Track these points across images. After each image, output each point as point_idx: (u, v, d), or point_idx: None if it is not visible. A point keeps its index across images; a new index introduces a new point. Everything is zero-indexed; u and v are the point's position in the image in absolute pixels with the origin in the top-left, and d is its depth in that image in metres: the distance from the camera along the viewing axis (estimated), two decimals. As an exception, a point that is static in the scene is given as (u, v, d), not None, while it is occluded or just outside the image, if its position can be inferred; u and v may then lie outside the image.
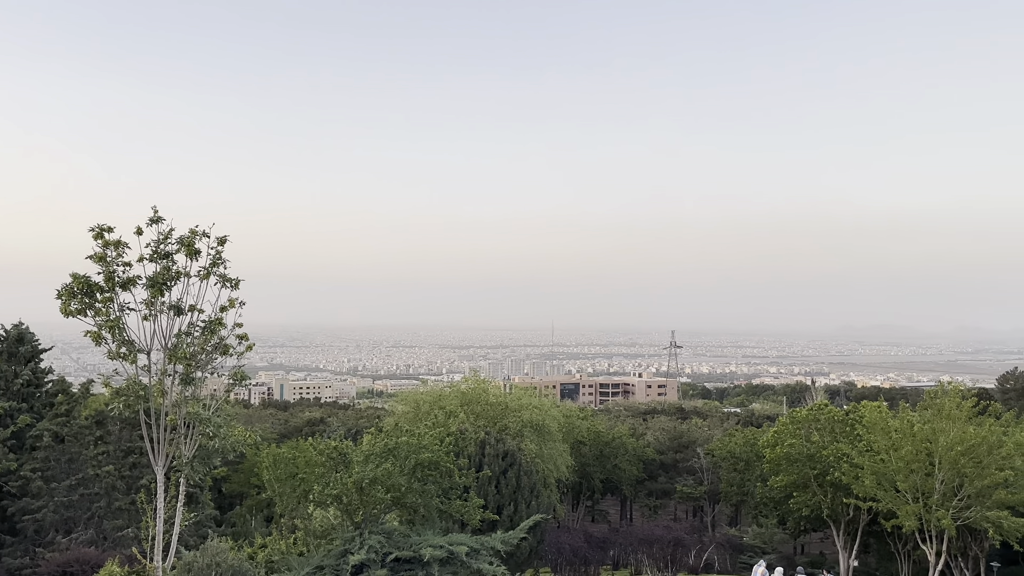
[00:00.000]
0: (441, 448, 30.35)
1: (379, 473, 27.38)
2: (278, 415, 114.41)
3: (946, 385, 46.83)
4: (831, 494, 50.25)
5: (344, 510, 28.37)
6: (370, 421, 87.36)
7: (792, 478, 51.65)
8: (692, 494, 76.30)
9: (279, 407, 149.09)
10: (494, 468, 40.68)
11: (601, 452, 76.36)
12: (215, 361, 18.89)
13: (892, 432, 45.21)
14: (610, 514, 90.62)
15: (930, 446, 43.46)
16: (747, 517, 74.38)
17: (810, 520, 55.54)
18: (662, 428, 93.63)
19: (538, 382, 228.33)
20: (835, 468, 48.23)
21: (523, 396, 59.47)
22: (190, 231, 18.13)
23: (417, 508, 30.29)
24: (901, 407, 49.79)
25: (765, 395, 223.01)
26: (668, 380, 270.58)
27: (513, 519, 38.52)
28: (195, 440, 18.88)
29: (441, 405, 55.36)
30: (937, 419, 44.15)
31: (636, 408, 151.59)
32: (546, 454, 54.58)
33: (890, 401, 63.67)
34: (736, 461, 70.01)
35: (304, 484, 29.68)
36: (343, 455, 28.63)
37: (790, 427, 52.93)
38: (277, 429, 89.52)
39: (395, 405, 73.00)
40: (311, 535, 29.71)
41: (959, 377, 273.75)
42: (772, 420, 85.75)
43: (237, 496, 65.34)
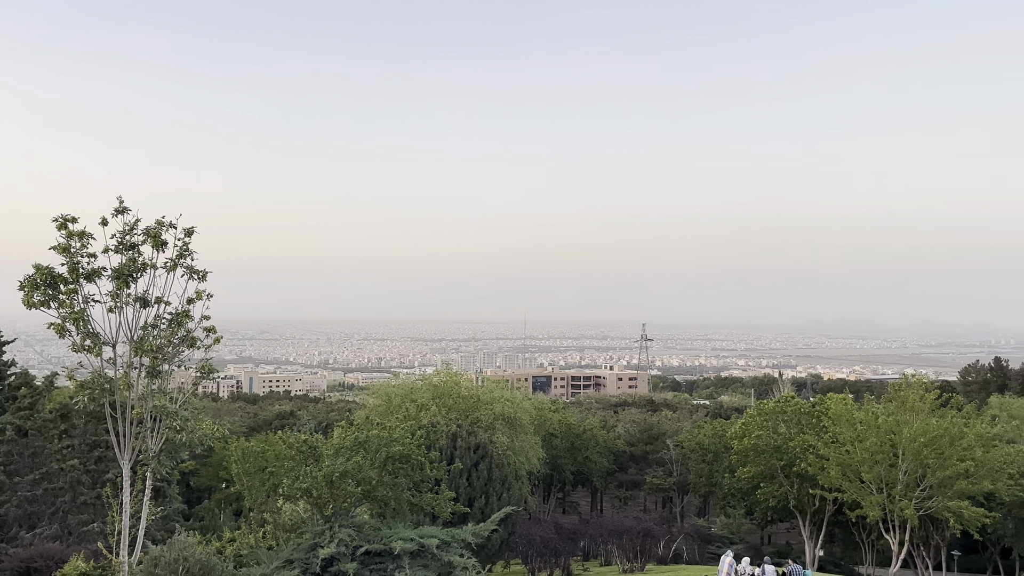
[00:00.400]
0: (412, 441, 30.28)
1: (350, 466, 27.25)
2: (247, 408, 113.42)
3: (910, 378, 47.71)
4: (797, 485, 50.97)
5: (314, 504, 28.22)
6: (341, 414, 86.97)
7: (759, 469, 52.31)
8: (662, 485, 76.95)
9: (248, 400, 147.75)
10: (466, 461, 40.67)
11: (572, 444, 76.70)
12: (182, 354, 18.64)
13: (857, 424, 45.95)
14: (581, 505, 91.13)
15: (894, 438, 44.23)
16: (715, 508, 75.23)
17: (777, 511, 56.34)
18: (632, 420, 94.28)
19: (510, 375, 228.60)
20: (801, 459, 48.92)
21: (495, 389, 59.52)
22: (156, 222, 17.85)
23: (388, 501, 30.21)
24: (866, 399, 50.63)
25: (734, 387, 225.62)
26: (639, 373, 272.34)
27: (484, 511, 38.57)
28: (162, 434, 18.63)
29: (413, 398, 55.27)
30: (901, 411, 44.95)
31: (607, 401, 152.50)
32: (518, 447, 54.69)
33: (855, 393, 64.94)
34: (705, 452, 70.72)
35: (273, 478, 29.47)
36: (313, 448, 28.46)
37: (757, 419, 53.58)
38: (246, 422, 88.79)
39: (366, 398, 72.72)
40: (280, 529, 29.50)
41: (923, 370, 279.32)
42: (740, 412, 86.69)
43: (205, 490, 64.69)
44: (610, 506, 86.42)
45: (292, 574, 23.46)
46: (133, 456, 18.33)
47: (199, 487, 64.81)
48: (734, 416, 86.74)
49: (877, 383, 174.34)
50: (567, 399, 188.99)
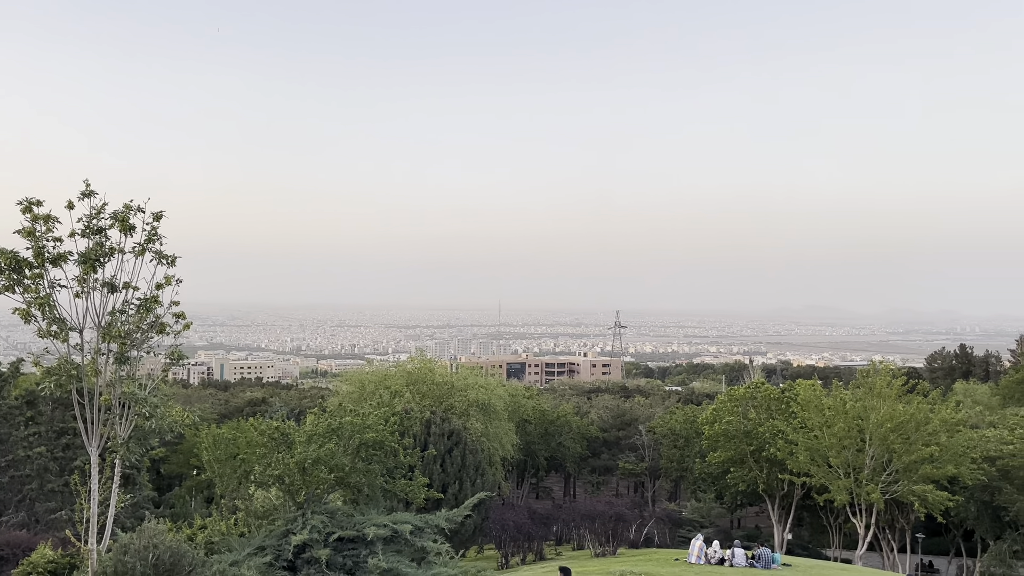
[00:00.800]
0: (386, 428, 30.21)
1: (322, 453, 27.14)
2: (218, 395, 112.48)
3: (877, 365, 48.38)
4: (767, 470, 51.68)
5: (286, 490, 28.07)
6: (313, 401, 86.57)
7: (729, 454, 52.94)
8: (634, 470, 77.63)
9: (219, 387, 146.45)
10: (439, 447, 40.71)
11: (546, 430, 77.06)
12: (151, 340, 18.37)
13: (825, 410, 46.62)
14: (554, 491, 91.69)
15: (861, 423, 44.95)
16: (686, 492, 76.08)
17: (746, 495, 57.10)
18: (606, 406, 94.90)
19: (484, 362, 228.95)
20: (771, 444, 49.58)
21: (469, 376, 59.58)
22: (124, 206, 17.54)
23: (361, 488, 30.15)
24: (834, 386, 51.36)
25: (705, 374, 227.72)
26: (612, 359, 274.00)
27: (458, 497, 38.66)
28: (131, 420, 18.40)
29: (386, 385, 55.16)
30: (868, 397, 45.67)
31: (581, 387, 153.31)
32: (492, 433, 54.86)
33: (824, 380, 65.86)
34: (676, 438, 71.43)
35: (245, 464, 29.28)
36: (285, 435, 28.27)
37: (728, 405, 54.16)
38: (217, 409, 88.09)
39: (339, 385, 72.44)
40: (252, 516, 29.33)
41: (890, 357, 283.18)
42: (711, 398, 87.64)
43: (176, 477, 64.21)
44: (583, 491, 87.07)
45: (264, 560, 23.36)
46: (101, 443, 18.10)
47: (169, 474, 64.28)
48: (705, 402, 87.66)
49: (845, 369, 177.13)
50: (541, 385, 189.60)
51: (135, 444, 18.87)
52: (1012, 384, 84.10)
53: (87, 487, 18.65)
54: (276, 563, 23.53)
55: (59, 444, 42.26)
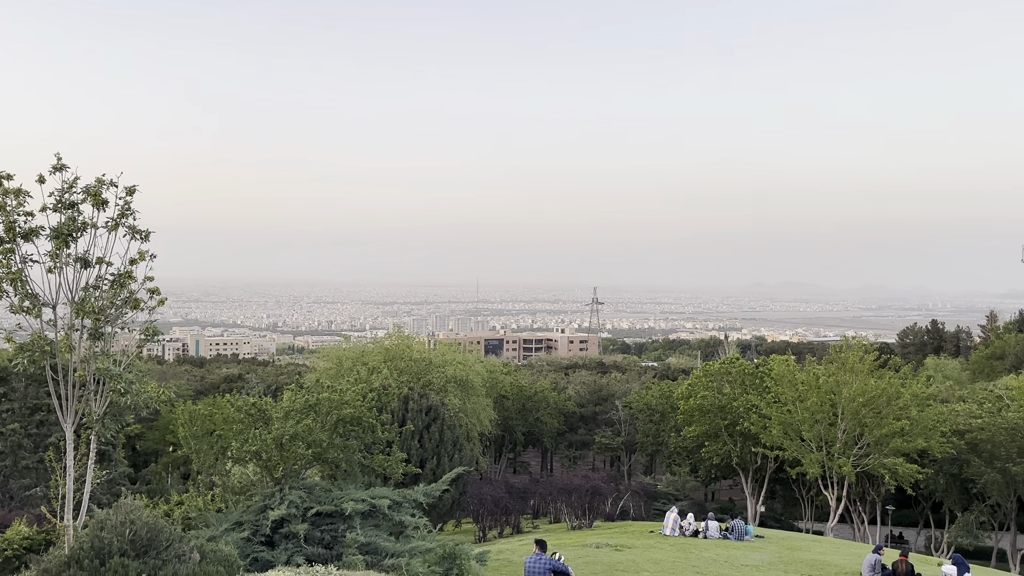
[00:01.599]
0: (364, 404, 30.24)
1: (300, 429, 27.13)
2: (194, 371, 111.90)
3: (850, 340, 49.05)
4: (740, 443, 52.42)
5: (264, 466, 28.07)
6: (290, 377, 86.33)
7: (704, 428, 53.60)
8: (610, 445, 78.41)
9: (195, 363, 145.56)
10: (417, 423, 40.84)
11: (523, 406, 77.51)
12: (125, 316, 18.18)
13: (799, 384, 47.27)
14: (531, 465, 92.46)
15: (834, 398, 45.64)
16: (661, 466, 77.03)
17: (720, 468, 57.94)
18: (583, 382, 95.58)
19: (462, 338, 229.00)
20: (745, 419, 50.25)
21: (447, 352, 59.70)
22: (96, 180, 17.28)
23: (339, 463, 30.21)
24: (808, 361, 52.07)
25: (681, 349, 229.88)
26: (589, 336, 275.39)
27: (436, 472, 38.88)
28: (105, 397, 18.27)
29: (364, 361, 55.14)
30: (841, 372, 46.33)
31: (558, 363, 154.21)
32: (469, 408, 55.10)
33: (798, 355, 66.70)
34: (652, 413, 72.17)
35: (222, 441, 29.20)
36: (262, 411, 28.20)
37: (703, 380, 54.74)
38: (193, 386, 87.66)
39: (317, 361, 72.30)
40: (230, 492, 29.35)
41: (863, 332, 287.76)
42: (687, 373, 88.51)
43: (152, 454, 63.91)
44: (560, 466, 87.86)
45: (242, 535, 23.41)
46: (76, 420, 17.96)
47: (145, 451, 63.98)
48: (681, 377, 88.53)
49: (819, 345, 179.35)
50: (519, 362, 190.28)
51: (110, 420, 18.77)
52: (981, 359, 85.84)
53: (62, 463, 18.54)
54: (254, 538, 23.58)
55: (33, 421, 41.84)
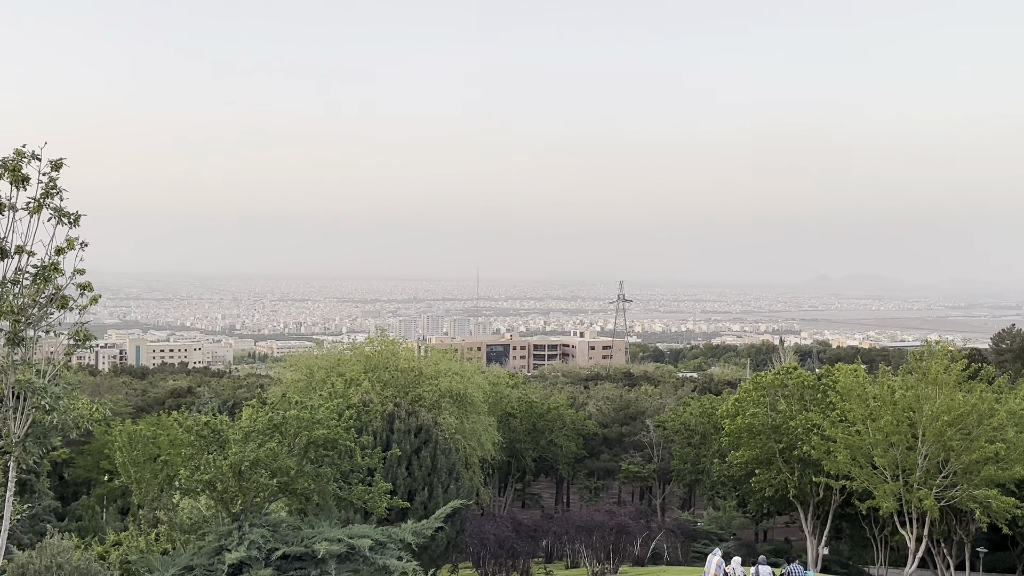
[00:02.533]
0: (340, 423, 30.32)
1: (262, 454, 27.22)
2: (134, 384, 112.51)
3: (933, 345, 48.80)
4: (799, 471, 52.32)
5: (219, 499, 28.19)
6: (251, 391, 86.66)
7: (754, 453, 53.51)
8: (639, 473, 78.42)
9: (135, 374, 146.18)
10: (405, 446, 40.90)
11: (534, 426, 77.58)
12: (51, 316, 18.28)
13: (870, 400, 47.12)
14: (544, 498, 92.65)
15: (913, 416, 45.47)
16: (702, 499, 77.01)
17: (774, 502, 57.84)
18: (606, 397, 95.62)
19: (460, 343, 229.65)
20: (804, 441, 50.13)
21: (441, 360, 59.79)
22: (15, 152, 17.33)
23: (310, 495, 30.31)
24: (881, 370, 51.86)
25: (726, 357, 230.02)
26: (615, 340, 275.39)
27: (427, 506, 38.93)
28: (27, 415, 18.37)
29: (340, 371, 55.26)
30: (922, 384, 46.14)
31: (576, 374, 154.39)
32: (468, 429, 55.19)
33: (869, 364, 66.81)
34: (691, 434, 72.10)
35: (168, 468, 29.36)
36: (217, 433, 28.32)
37: (753, 394, 54.63)
38: (133, 401, 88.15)
39: (283, 372, 72.52)
40: (177, 529, 29.48)
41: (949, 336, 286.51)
42: (733, 386, 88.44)
43: (83, 484, 64.29)
44: (578, 498, 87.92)
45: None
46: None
47: (75, 480, 64.32)
48: (726, 391, 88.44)
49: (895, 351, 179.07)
50: (529, 372, 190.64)
51: (33, 443, 18.84)
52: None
53: (-25, 496, 18.64)
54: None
55: (-61, 444, 42.13)
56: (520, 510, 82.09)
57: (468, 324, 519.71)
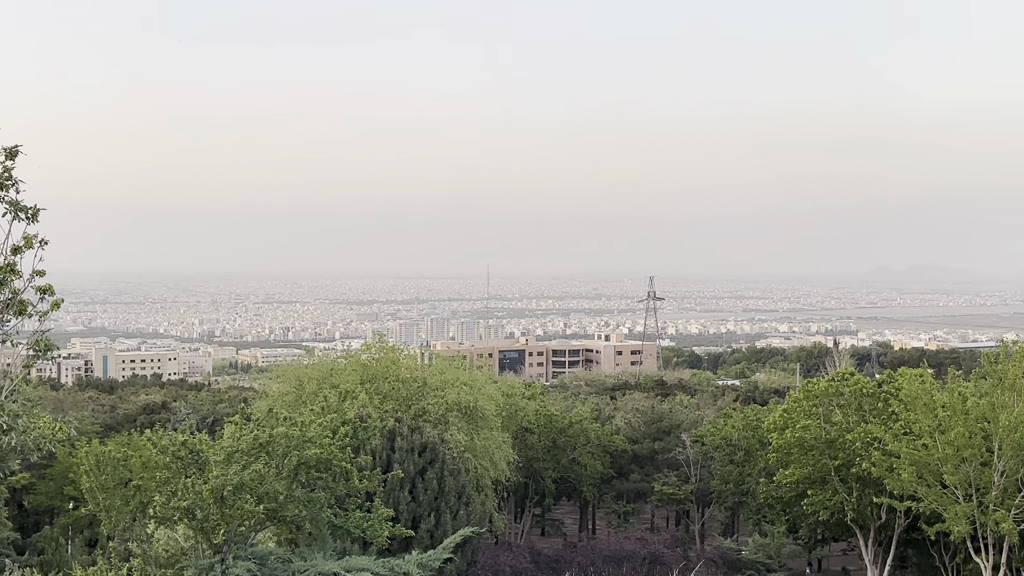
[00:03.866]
0: (334, 442, 30.42)
1: (247, 477, 27.34)
2: (101, 399, 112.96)
3: (1010, 345, 48.55)
4: (857, 491, 52.17)
5: (198, 528, 28.32)
6: (233, 406, 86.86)
7: (806, 471, 53.37)
8: (675, 495, 78.25)
9: (103, 388, 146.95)
10: (408, 467, 41.02)
11: (554, 442, 77.56)
12: (7, 324, 18.41)
13: (938, 409, 46.91)
14: (566, 524, 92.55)
15: (988, 427, 45.25)
16: (747, 524, 76.80)
17: (829, 526, 57.67)
18: (636, 409, 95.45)
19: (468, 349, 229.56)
20: (863, 457, 49.96)
21: (447, 369, 59.80)
22: (-35, 139, 17.49)
23: (301, 523, 30.42)
24: (950, 375, 51.59)
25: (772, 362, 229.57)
26: (645, 344, 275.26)
27: (434, 534, 39.04)
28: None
29: (334, 383, 55.36)
30: (998, 391, 45.91)
31: (602, 382, 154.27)
32: (479, 447, 55.22)
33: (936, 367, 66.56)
34: (733, 450, 71.95)
35: (141, 494, 29.52)
36: (196, 454, 28.46)
37: (804, 404, 54.48)
38: (101, 419, 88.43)
39: (269, 384, 72.79)
40: (152, 563, 29.60)
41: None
42: (781, 395, 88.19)
43: (46, 512, 64.62)
44: (605, 524, 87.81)
45: (170, 624, 23.70)
46: (-58, 467, 18.24)
47: (37, 508, 64.63)
48: (773, 400, 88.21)
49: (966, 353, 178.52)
50: (547, 381, 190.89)
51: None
52: None
53: (-76, 527, 18.82)
54: (187, 627, 23.85)
55: None
56: (539, 538, 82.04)
57: (478, 327, 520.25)
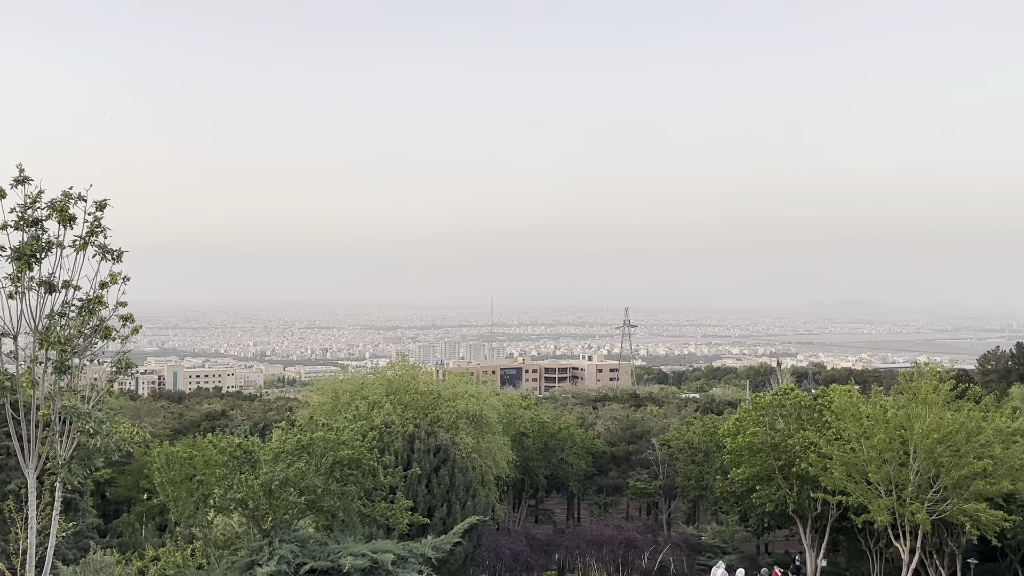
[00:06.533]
0: (363, 444, 30.30)
1: (291, 473, 27.21)
2: (171, 408, 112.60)
3: (922, 366, 48.54)
4: (797, 487, 51.89)
5: (250, 516, 28.16)
6: (280, 414, 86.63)
7: (755, 470, 53.11)
8: (646, 490, 77.88)
9: (172, 399, 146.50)
10: (424, 465, 40.82)
11: (546, 445, 77.26)
12: (95, 346, 18.36)
13: (863, 418, 46.78)
14: (556, 514, 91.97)
15: (904, 434, 45.13)
16: (706, 514, 76.36)
17: (774, 516, 57.29)
18: (614, 417, 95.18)
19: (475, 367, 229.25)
20: (802, 458, 49.75)
21: (458, 383, 59.69)
22: (63, 194, 17.49)
23: (336, 512, 30.25)
24: (873, 391, 51.51)
25: (727, 379, 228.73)
26: (621, 363, 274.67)
27: (446, 522, 38.79)
28: (73, 438, 18.42)
29: (363, 395, 55.23)
30: (912, 404, 45.82)
31: (585, 395, 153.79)
32: (484, 448, 55.01)
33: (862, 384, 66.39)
34: (694, 452, 71.65)
35: (203, 487, 29.33)
36: (248, 453, 28.33)
37: (753, 414, 54.31)
38: (170, 424, 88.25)
39: (310, 395, 72.57)
40: (212, 545, 29.43)
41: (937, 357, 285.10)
42: (734, 406, 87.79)
43: (124, 502, 64.30)
44: (588, 514, 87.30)
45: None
46: (39, 464, 18.13)
47: (117, 499, 64.33)
48: (727, 411, 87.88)
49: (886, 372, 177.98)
50: (540, 394, 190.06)
51: (77, 465, 18.90)
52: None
53: (23, 514, 18.68)
54: (240, 599, 23.64)
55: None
56: (533, 525, 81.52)
57: (483, 349, 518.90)
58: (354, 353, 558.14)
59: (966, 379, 79.39)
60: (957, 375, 62.02)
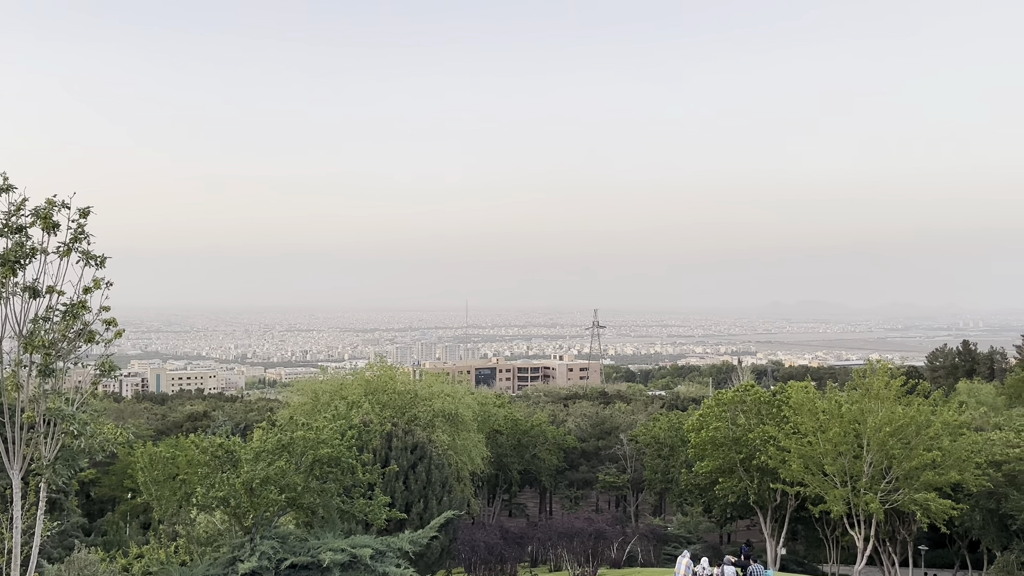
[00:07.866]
0: (342, 442, 30.14)
1: (271, 472, 27.00)
2: (154, 409, 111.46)
3: (875, 364, 49.11)
4: (758, 479, 52.30)
5: (232, 514, 27.90)
6: (261, 414, 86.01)
7: (717, 463, 53.48)
8: (615, 483, 78.11)
9: (155, 400, 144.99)
10: (402, 462, 40.66)
11: (519, 441, 77.25)
12: (79, 349, 18.15)
13: (819, 413, 47.28)
14: (529, 507, 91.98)
15: (858, 427, 45.65)
16: (672, 506, 76.74)
17: (736, 507, 57.74)
18: (584, 414, 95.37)
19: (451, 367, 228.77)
20: (761, 452, 50.18)
21: (434, 383, 59.50)
22: (47, 201, 17.30)
23: (315, 509, 30.06)
24: (829, 387, 52.11)
25: (691, 376, 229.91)
26: (590, 363, 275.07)
27: (423, 517, 38.63)
28: (57, 439, 18.17)
29: (343, 395, 54.90)
30: (865, 399, 46.36)
31: (557, 393, 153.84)
32: (459, 445, 54.87)
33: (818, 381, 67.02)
34: (660, 447, 72.01)
35: (186, 486, 29.05)
36: (230, 453, 28.09)
37: (715, 410, 54.70)
38: (154, 425, 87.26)
39: (290, 396, 72.06)
40: (195, 542, 29.15)
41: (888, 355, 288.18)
42: (698, 403, 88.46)
43: (108, 501, 63.51)
44: (560, 507, 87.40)
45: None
46: (24, 465, 17.86)
47: (101, 498, 63.54)
48: (691, 407, 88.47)
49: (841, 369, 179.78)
50: (513, 392, 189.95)
51: (62, 466, 18.65)
52: (1018, 382, 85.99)
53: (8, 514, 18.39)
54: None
55: (-25, 467, 41.54)
56: (507, 519, 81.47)
57: (458, 350, 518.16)
58: (333, 355, 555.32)
59: (916, 375, 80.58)
60: (907, 372, 63.06)
